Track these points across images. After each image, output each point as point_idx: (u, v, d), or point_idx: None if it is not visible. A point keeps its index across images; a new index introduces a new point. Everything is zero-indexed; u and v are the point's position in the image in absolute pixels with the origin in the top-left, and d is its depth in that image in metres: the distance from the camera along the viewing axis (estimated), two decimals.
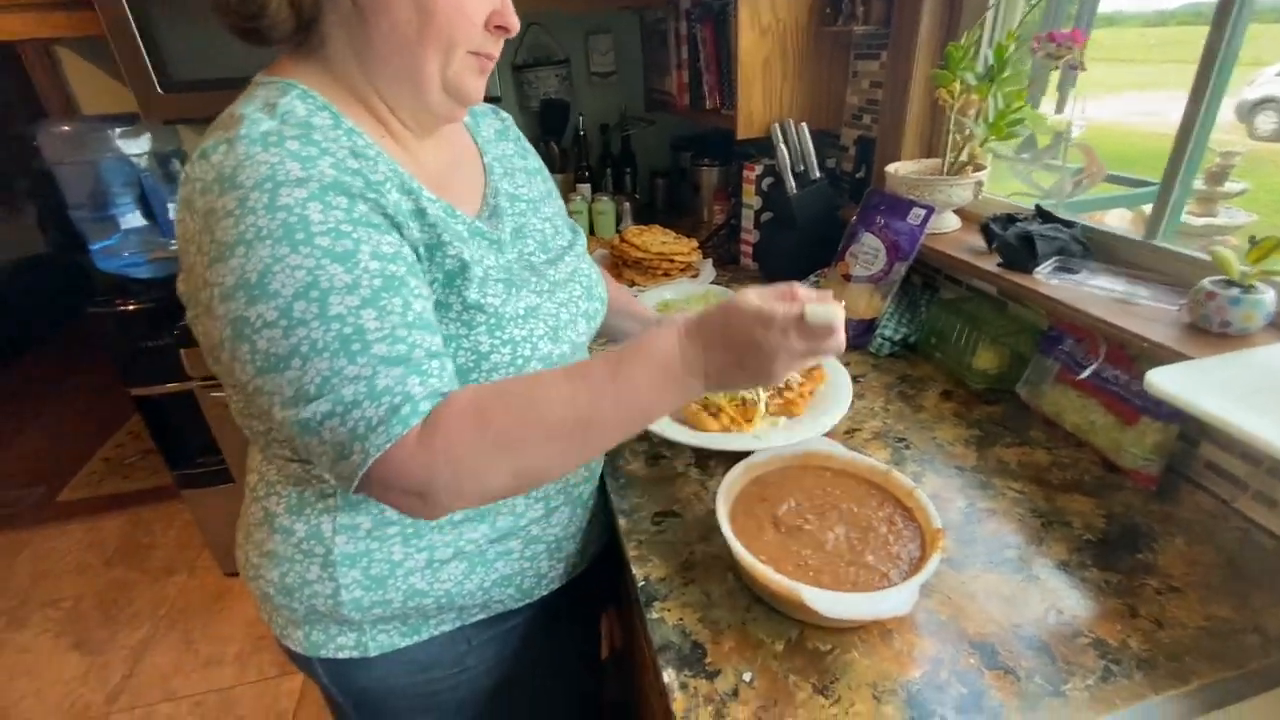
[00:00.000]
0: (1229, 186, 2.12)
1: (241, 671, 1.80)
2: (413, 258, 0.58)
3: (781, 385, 0.81)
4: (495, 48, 0.65)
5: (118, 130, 1.71)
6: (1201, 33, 0.86)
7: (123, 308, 1.70)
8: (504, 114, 0.87)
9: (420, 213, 0.61)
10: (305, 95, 0.59)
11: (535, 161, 0.87)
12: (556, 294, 0.73)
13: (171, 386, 1.77)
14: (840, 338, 0.55)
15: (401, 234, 0.58)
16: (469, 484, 0.53)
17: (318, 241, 0.51)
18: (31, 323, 3.85)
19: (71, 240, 1.87)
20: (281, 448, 0.65)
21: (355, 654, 0.74)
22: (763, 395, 0.79)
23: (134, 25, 1.44)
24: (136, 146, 1.73)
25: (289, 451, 0.65)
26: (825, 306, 0.53)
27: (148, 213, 1.83)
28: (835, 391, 0.82)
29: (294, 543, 0.69)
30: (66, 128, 1.68)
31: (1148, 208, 0.97)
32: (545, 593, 0.83)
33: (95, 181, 1.71)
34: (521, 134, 0.88)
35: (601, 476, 0.88)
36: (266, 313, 0.50)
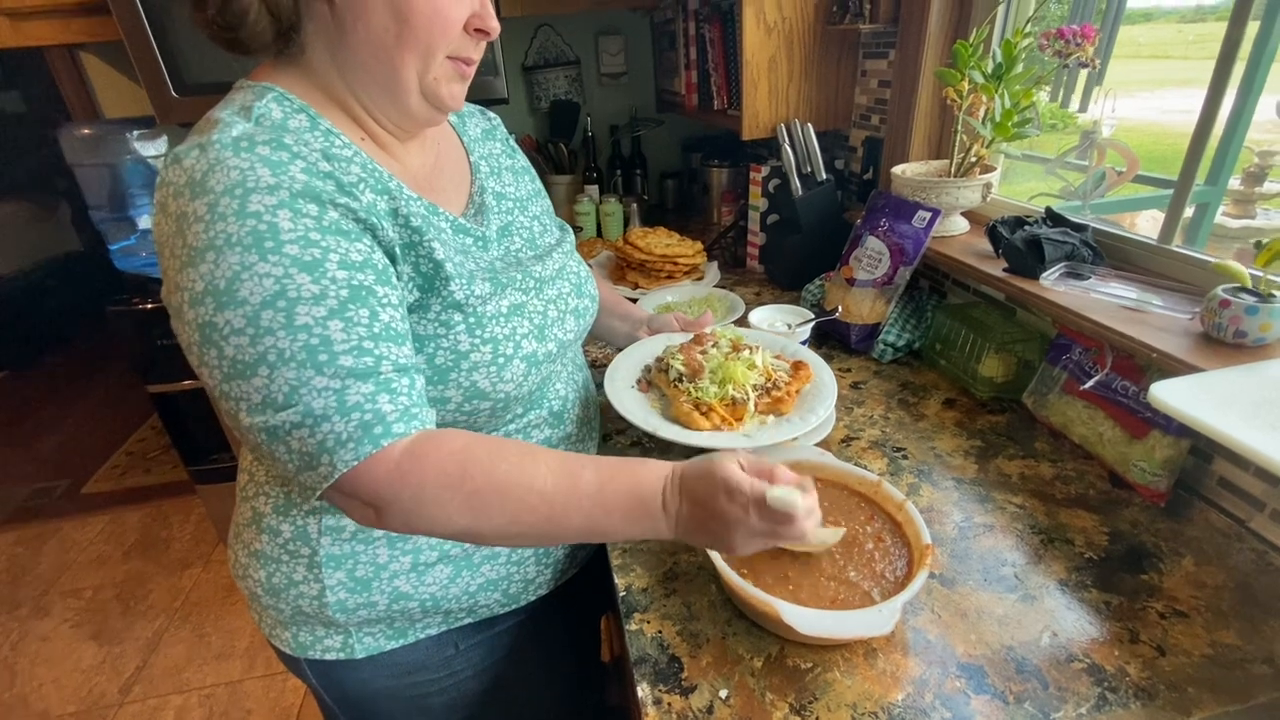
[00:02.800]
0: (1268, 187, 2.03)
1: (250, 665, 1.82)
2: (384, 263, 0.58)
3: (769, 385, 0.81)
4: (476, 51, 0.64)
5: (135, 133, 1.75)
6: (1245, 28, 0.82)
7: (140, 306, 1.74)
8: (491, 114, 0.87)
9: (395, 212, 0.61)
10: (283, 98, 0.59)
11: (522, 161, 0.86)
12: (544, 290, 0.72)
13: (187, 384, 1.82)
14: (801, 528, 0.54)
15: (375, 235, 0.58)
16: (421, 520, 0.55)
17: (286, 250, 0.51)
18: (65, 318, 3.98)
19: (98, 237, 1.92)
20: None
21: (341, 655, 0.74)
22: (751, 395, 0.79)
23: (149, 31, 1.47)
24: (153, 148, 1.77)
25: None
26: (789, 492, 0.52)
27: None
28: (820, 389, 0.83)
29: (280, 543, 0.69)
30: (86, 130, 1.73)
31: (1187, 211, 0.93)
32: (533, 598, 0.82)
33: (114, 183, 1.75)
34: (510, 134, 0.88)
35: None
36: (234, 319, 0.50)
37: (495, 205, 0.75)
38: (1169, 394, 0.60)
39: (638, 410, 0.83)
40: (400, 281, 0.60)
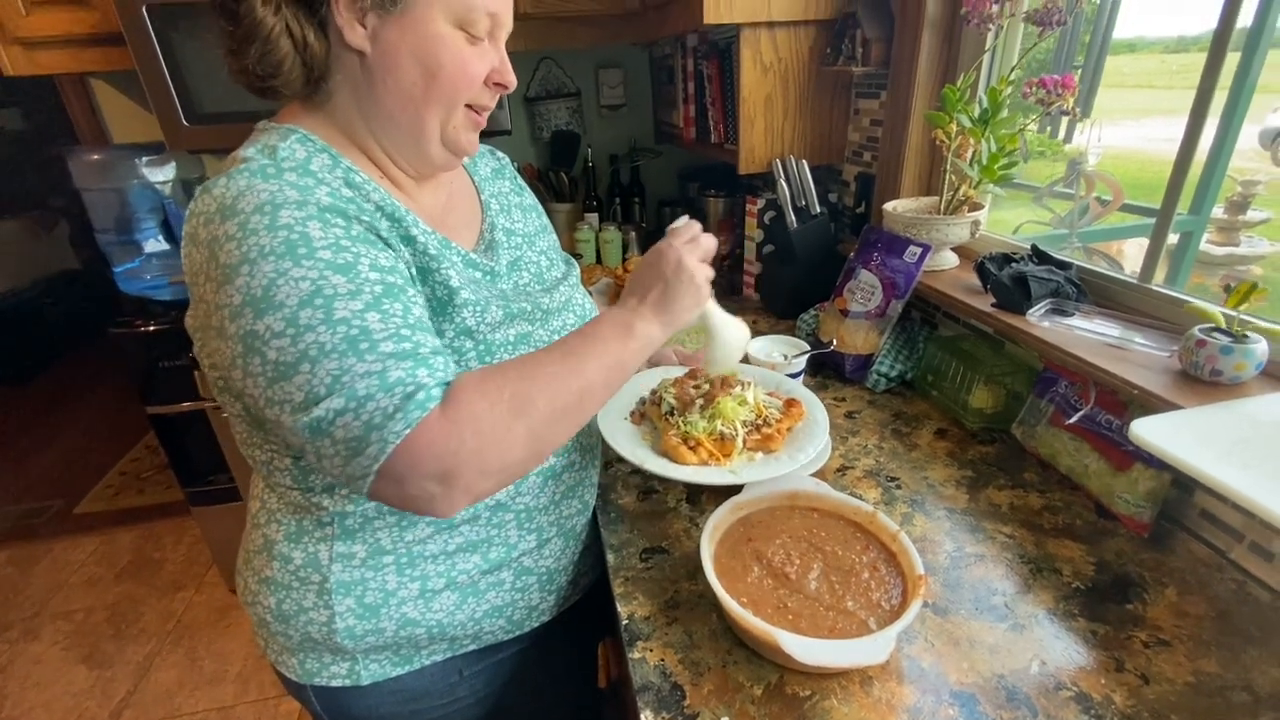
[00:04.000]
0: (1251, 215, 2.09)
1: (243, 690, 1.81)
2: (408, 274, 0.61)
3: (759, 422, 0.83)
4: (492, 101, 0.69)
5: (144, 159, 1.78)
6: (1224, 60, 0.85)
7: (143, 328, 1.75)
8: (500, 154, 0.91)
9: (409, 239, 0.64)
10: (306, 139, 0.63)
11: (530, 198, 0.90)
12: (550, 321, 0.76)
13: (186, 406, 1.82)
14: (707, 238, 0.71)
15: (394, 254, 0.61)
16: (492, 454, 0.53)
17: (319, 255, 0.53)
18: (63, 336, 3.97)
19: (102, 258, 1.94)
20: (283, 475, 0.67)
21: (348, 682, 0.75)
22: (740, 430, 0.81)
23: (163, 61, 1.51)
24: (162, 174, 1.80)
25: (290, 479, 0.67)
26: (680, 217, 0.73)
27: (170, 237, 1.89)
28: (811, 428, 0.84)
29: (291, 570, 0.70)
30: (95, 156, 1.76)
31: (1171, 238, 0.96)
32: (536, 624, 0.84)
33: (121, 207, 1.78)
34: (518, 173, 0.92)
35: (594, 510, 0.90)
36: (274, 324, 0.51)
37: (505, 241, 0.78)
38: (1149, 431, 0.63)
39: (626, 442, 0.84)
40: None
